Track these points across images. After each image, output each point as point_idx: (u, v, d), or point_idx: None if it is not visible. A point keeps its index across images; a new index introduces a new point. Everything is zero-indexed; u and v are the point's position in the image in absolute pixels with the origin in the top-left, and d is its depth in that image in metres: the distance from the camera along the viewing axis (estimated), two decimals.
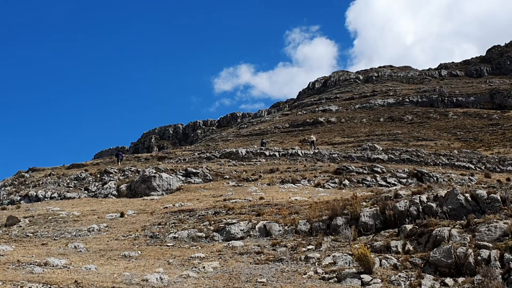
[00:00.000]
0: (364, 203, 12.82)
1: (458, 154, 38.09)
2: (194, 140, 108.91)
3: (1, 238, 13.62)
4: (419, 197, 11.90)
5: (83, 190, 26.83)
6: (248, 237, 12.45)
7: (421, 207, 11.50)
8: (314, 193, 19.89)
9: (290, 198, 17.71)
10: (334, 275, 8.73)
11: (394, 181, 23.70)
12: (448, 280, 8.12)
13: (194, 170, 27.96)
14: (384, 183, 23.33)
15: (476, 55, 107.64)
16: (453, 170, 28.77)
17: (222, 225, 13.16)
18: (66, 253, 11.33)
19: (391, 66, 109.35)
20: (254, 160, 34.45)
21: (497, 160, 35.04)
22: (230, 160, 34.82)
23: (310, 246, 10.87)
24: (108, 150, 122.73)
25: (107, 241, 12.88)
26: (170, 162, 35.69)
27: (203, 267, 9.60)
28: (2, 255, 10.65)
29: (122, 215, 16.57)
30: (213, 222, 13.77)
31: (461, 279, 8.09)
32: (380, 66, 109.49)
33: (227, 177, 27.07)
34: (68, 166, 38.66)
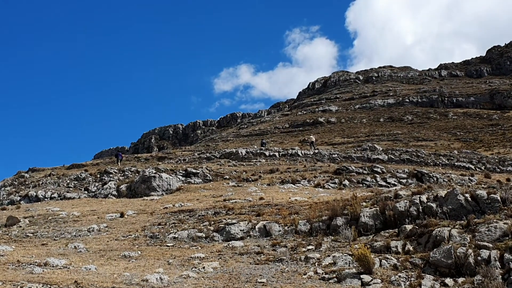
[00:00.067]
0: (364, 204, 12.82)
1: (458, 154, 38.10)
2: (194, 140, 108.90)
3: (1, 238, 13.62)
4: (419, 197, 11.89)
5: (83, 190, 26.86)
6: (248, 237, 12.45)
7: (421, 208, 11.50)
8: (314, 193, 19.89)
9: (290, 198, 17.71)
10: (334, 276, 8.74)
11: (394, 181, 23.71)
12: (448, 280, 8.12)
13: (194, 171, 27.97)
14: (384, 184, 23.35)
15: (476, 56, 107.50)
16: (453, 171, 28.79)
17: (222, 225, 13.16)
18: (66, 253, 11.33)
19: (391, 66, 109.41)
20: (254, 160, 34.44)
21: (497, 160, 35.06)
22: (230, 160, 34.82)
23: (310, 247, 10.88)
24: (108, 150, 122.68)
25: (107, 241, 12.88)
26: (170, 163, 35.69)
27: (203, 267, 9.60)
28: (2, 255, 10.64)
29: (122, 215, 16.58)
30: (213, 223, 13.77)
31: (461, 280, 8.09)
32: (380, 67, 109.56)
33: (227, 177, 27.08)
34: (68, 166, 38.67)
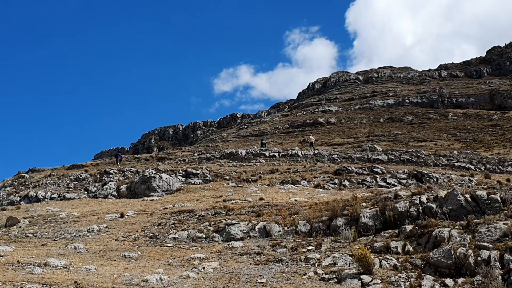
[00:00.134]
0: (364, 204, 12.82)
1: (458, 155, 38.11)
2: (194, 140, 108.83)
3: (1, 238, 13.62)
4: (419, 198, 11.89)
5: (83, 190, 26.87)
6: (248, 237, 12.45)
7: (421, 208, 11.50)
8: (314, 193, 19.89)
9: (290, 198, 17.71)
10: (334, 276, 8.74)
11: (394, 182, 23.73)
12: (448, 280, 8.12)
13: (194, 171, 27.98)
14: (384, 184, 23.36)
15: (476, 56, 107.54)
16: (453, 171, 28.80)
17: (222, 225, 13.16)
18: (66, 253, 11.33)
19: (391, 66, 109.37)
20: (254, 160, 34.45)
21: (497, 161, 35.08)
22: (230, 160, 34.84)
23: (310, 247, 10.87)
24: (108, 150, 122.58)
25: (107, 241, 12.88)
26: (170, 163, 35.71)
27: (203, 268, 9.60)
28: (2, 256, 10.64)
29: (122, 216, 16.58)
30: (213, 223, 13.77)
31: (461, 280, 8.10)
32: (380, 67, 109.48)
33: (227, 177, 27.09)
34: (68, 167, 38.67)
